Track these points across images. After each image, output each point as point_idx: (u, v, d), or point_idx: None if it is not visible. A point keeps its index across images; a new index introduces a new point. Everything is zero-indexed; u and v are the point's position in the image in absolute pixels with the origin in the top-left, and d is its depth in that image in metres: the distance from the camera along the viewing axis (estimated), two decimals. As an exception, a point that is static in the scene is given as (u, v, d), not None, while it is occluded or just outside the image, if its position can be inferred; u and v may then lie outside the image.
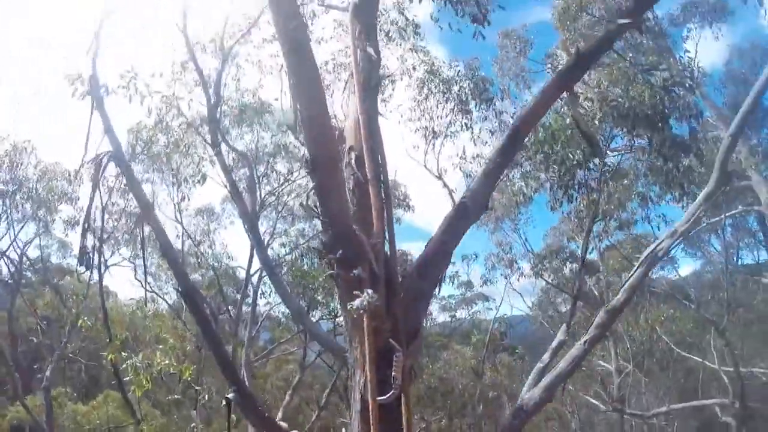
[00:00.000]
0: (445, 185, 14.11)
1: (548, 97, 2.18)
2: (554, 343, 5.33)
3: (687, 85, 8.53)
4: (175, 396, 11.40)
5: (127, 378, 7.11)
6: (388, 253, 1.77)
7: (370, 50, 2.31)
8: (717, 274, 17.21)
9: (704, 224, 15.70)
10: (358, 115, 2.07)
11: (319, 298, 16.00)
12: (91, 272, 16.54)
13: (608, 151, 10.58)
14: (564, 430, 20.70)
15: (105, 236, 17.15)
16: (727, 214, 14.89)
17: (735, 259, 18.98)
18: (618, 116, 8.58)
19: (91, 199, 2.47)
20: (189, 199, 17.54)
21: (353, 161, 1.90)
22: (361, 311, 1.66)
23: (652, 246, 5.19)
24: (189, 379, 7.91)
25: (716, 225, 15.83)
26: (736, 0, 14.51)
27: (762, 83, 5.28)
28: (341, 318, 16.24)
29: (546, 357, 5.24)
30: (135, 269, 18.63)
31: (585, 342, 5.06)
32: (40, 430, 16.04)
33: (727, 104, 17.08)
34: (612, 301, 5.11)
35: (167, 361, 6.92)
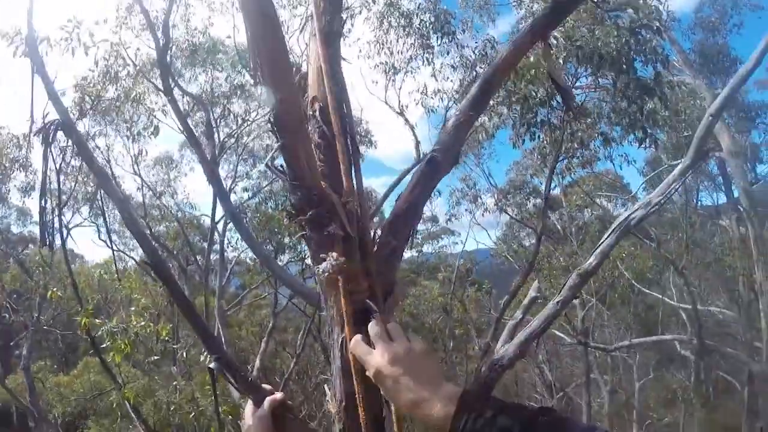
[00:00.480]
0: (406, 121, 13.93)
1: (521, 46, 2.08)
2: (526, 300, 5.49)
3: (654, 28, 8.45)
4: (155, 356, 11.36)
5: (104, 345, 6.99)
6: (359, 210, 1.69)
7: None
8: (677, 215, 17.70)
9: (665, 166, 16.06)
10: (320, 63, 1.94)
11: (286, 241, 15.95)
12: (53, 240, 16.10)
13: (573, 90, 10.56)
14: (532, 361, 21.51)
15: (64, 199, 16.69)
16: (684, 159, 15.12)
17: (695, 200, 19.54)
18: (583, 56, 8.48)
19: (44, 174, 2.29)
20: (146, 153, 17.03)
21: (318, 113, 1.78)
22: (328, 273, 1.59)
23: (625, 214, 5.20)
24: (167, 338, 7.85)
25: (674, 168, 16.09)
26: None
27: (748, 68, 5.31)
28: (309, 260, 16.31)
29: (518, 313, 5.37)
30: (98, 229, 18.20)
31: (558, 302, 5.06)
32: (26, 409, 15.91)
33: (694, 50, 17.25)
34: (584, 265, 5.13)
35: (143, 323, 6.81)
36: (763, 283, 12.84)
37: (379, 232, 1.82)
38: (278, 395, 1.75)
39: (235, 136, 17.54)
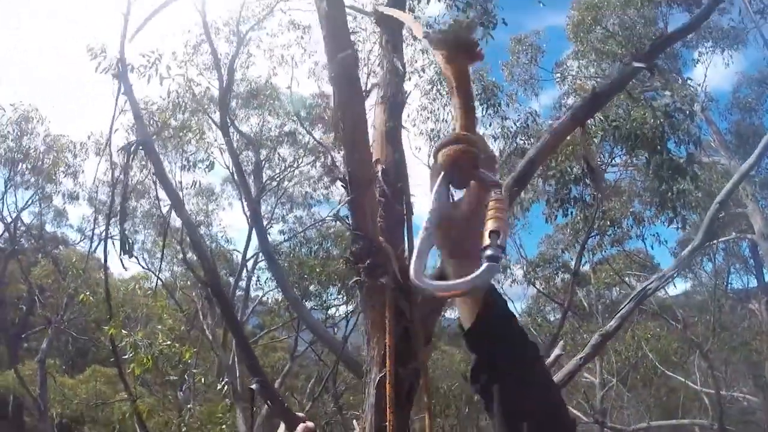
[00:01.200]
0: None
1: (563, 131, 2.35)
2: (552, 357, 5.70)
3: (687, 112, 8.71)
4: (172, 377, 11.52)
5: (126, 356, 7.19)
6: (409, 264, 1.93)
7: (398, 63, 2.45)
8: (706, 297, 17.43)
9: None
10: (384, 129, 2.22)
11: (311, 288, 16.10)
12: (91, 247, 16.57)
13: (609, 167, 10.79)
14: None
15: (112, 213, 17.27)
16: (720, 239, 15.10)
17: (725, 283, 19.20)
18: (619, 136, 8.74)
19: (125, 186, 2.60)
20: (200, 185, 17.63)
21: (380, 174, 2.05)
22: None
23: (643, 285, 5.79)
24: (189, 361, 8.03)
25: (709, 249, 16.04)
26: (749, 29, 14.68)
27: (750, 163, 5.82)
28: (333, 310, 16.30)
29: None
30: (133, 244, 18.67)
31: (580, 359, 5.43)
32: (28, 401, 16.09)
33: (731, 131, 17.33)
34: (605, 327, 5.57)
35: (169, 342, 7.01)
36: None
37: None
38: (310, 424, 1.95)
39: (278, 180, 18.08)
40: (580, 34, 14.30)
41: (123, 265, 15.97)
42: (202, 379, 10.16)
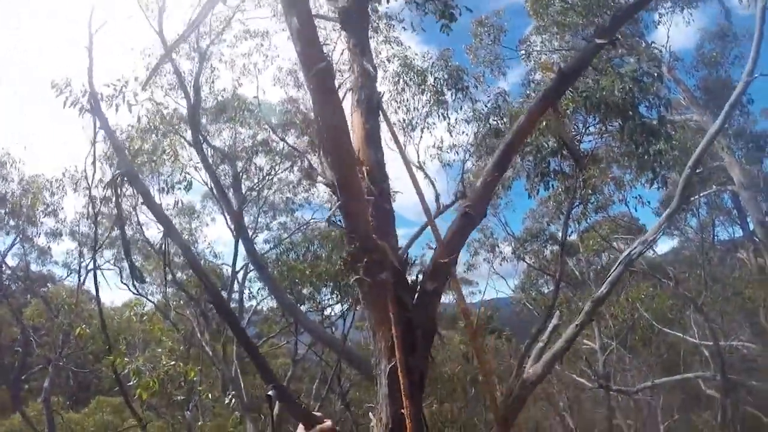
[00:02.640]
0: (426, 176, 14.27)
1: (535, 114, 2.43)
2: (550, 327, 6.17)
3: (655, 75, 8.87)
4: (179, 397, 11.51)
5: (130, 383, 7.17)
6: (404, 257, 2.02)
7: (368, 66, 2.52)
8: (694, 252, 17.72)
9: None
10: (363, 131, 2.29)
11: (305, 292, 16.15)
12: (80, 280, 16.47)
13: (584, 137, 10.92)
14: (553, 409, 21.18)
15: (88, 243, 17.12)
16: (702, 194, 15.39)
17: (711, 236, 19.54)
18: (590, 106, 8.86)
19: (120, 218, 2.63)
20: (181, 204, 17.58)
21: (366, 175, 2.13)
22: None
23: (627, 251, 6.16)
24: (195, 379, 8.04)
25: (692, 204, 16.32)
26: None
27: (716, 128, 6.17)
28: (329, 311, 16.32)
29: (544, 337, 6.12)
30: (120, 273, 18.61)
31: (576, 325, 5.87)
32: None
33: (699, 87, 17.59)
34: (597, 293, 5.94)
35: (172, 363, 7.02)
36: None
37: (420, 277, 2.13)
38: (328, 422, 2.03)
39: (257, 189, 18.06)
40: (540, 9, 14.41)
41: (137, 290, 16.00)
42: (209, 395, 10.15)
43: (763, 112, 19.65)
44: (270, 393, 2.00)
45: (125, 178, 2.50)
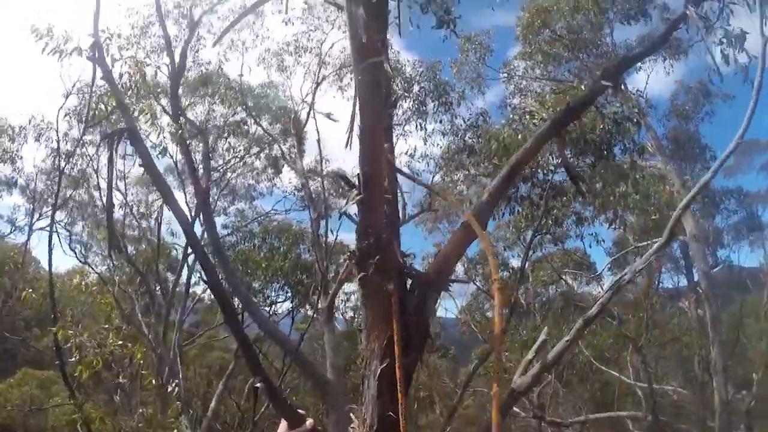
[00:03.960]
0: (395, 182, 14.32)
1: (542, 141, 2.51)
2: (538, 342, 6.62)
3: (635, 120, 9.19)
4: (122, 380, 11.07)
5: (72, 358, 6.79)
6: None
7: (386, 65, 2.50)
8: (639, 295, 18.25)
9: (632, 247, 16.70)
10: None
11: (256, 285, 15.91)
12: (28, 238, 15.73)
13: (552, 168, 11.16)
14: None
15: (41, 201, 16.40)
16: (652, 240, 15.84)
17: (656, 282, 20.21)
18: (569, 140, 9.08)
19: (110, 181, 2.51)
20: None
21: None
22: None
23: (617, 276, 6.65)
24: (140, 362, 7.68)
25: (642, 249, 16.78)
26: (689, 39, 15.41)
27: (707, 179, 6.77)
28: (276, 307, 15.93)
29: (531, 352, 6.53)
30: (69, 237, 17.91)
31: (567, 341, 6.25)
32: None
33: (668, 136, 18.25)
34: (588, 313, 6.41)
35: (119, 342, 6.69)
36: (717, 363, 13.39)
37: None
38: (310, 421, 1.98)
39: (221, 171, 17.71)
40: (529, 36, 14.70)
41: (113, 260, 15.26)
42: (152, 381, 9.75)
43: (722, 169, 20.45)
44: (258, 385, 1.94)
45: (124, 134, 2.38)
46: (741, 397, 15.23)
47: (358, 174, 1.92)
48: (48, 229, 17.40)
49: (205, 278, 2.04)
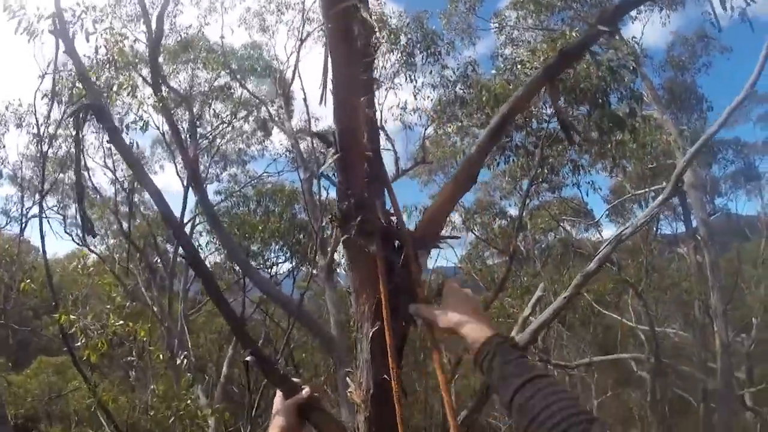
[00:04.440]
0: (387, 137, 14.14)
1: (534, 87, 2.36)
2: (534, 299, 6.60)
3: (631, 68, 8.99)
4: (129, 358, 11.12)
5: (78, 343, 6.78)
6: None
7: (366, 15, 2.36)
8: (637, 241, 18.36)
9: (629, 195, 16.74)
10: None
11: (254, 248, 15.94)
12: (22, 227, 15.61)
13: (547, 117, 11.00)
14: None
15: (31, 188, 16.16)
16: (651, 188, 15.90)
17: (655, 228, 20.36)
18: (563, 89, 8.91)
19: (77, 159, 2.39)
20: (138, 146, 16.81)
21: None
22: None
23: (618, 230, 6.57)
24: (144, 339, 7.70)
25: (640, 197, 16.88)
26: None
27: (718, 124, 6.68)
28: (276, 268, 15.97)
29: (528, 308, 6.47)
30: (64, 220, 17.78)
31: (565, 297, 6.17)
32: None
33: (664, 86, 18.09)
34: (587, 268, 6.39)
35: (121, 321, 6.67)
36: (717, 307, 13.55)
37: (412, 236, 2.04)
38: (306, 389, 1.92)
39: (210, 137, 17.51)
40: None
41: (88, 247, 15.14)
42: (160, 356, 9.84)
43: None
44: (248, 358, 1.87)
45: (90, 111, 2.26)
46: (740, 340, 15.49)
47: (333, 131, 1.82)
48: (45, 216, 17.32)
49: (185, 257, 1.94)
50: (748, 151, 21.48)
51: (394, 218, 2.02)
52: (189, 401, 7.80)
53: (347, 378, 2.05)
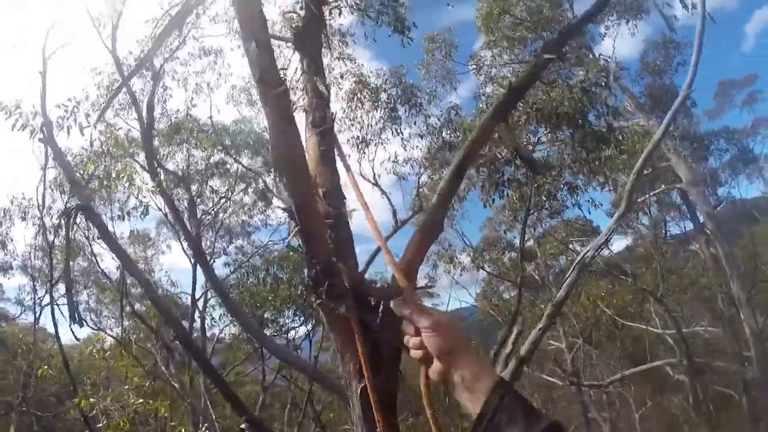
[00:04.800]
0: (382, 192, 14.29)
1: (488, 127, 2.47)
2: (514, 333, 6.39)
3: (603, 84, 9.23)
4: None
5: (100, 424, 6.84)
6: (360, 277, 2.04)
7: (321, 87, 2.53)
8: (648, 247, 18.30)
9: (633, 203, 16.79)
10: (317, 153, 2.30)
11: (267, 315, 15.99)
12: (38, 317, 15.78)
13: (536, 146, 11.19)
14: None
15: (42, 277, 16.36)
16: (652, 193, 15.96)
17: (663, 232, 20.29)
18: (542, 117, 9.12)
19: (67, 256, 2.53)
20: (137, 233, 17.13)
21: (323, 196, 2.12)
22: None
23: (581, 255, 6.34)
24: (165, 415, 7.70)
25: (643, 204, 16.92)
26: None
27: (654, 142, 6.70)
28: (293, 333, 15.99)
29: (509, 343, 6.33)
30: (77, 307, 17.93)
31: (539, 329, 6.10)
32: None
33: (645, 93, 18.41)
34: (556, 298, 6.17)
35: (140, 401, 6.74)
36: (740, 296, 13.42)
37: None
38: None
39: (212, 213, 17.78)
40: (490, 25, 14.73)
41: (74, 335, 15.28)
42: (182, 431, 9.80)
43: (705, 113, 20.65)
44: (243, 426, 1.97)
45: (79, 211, 2.41)
46: None
47: (288, 207, 1.95)
48: (58, 304, 17.50)
49: (175, 336, 2.06)
50: (739, 136, 21.57)
51: (366, 276, 2.14)
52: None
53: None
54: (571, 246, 19.82)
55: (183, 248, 17.59)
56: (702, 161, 20.41)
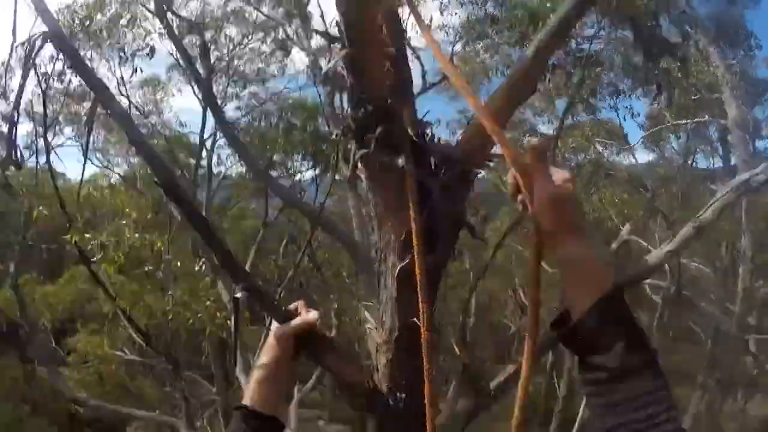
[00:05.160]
0: (413, 51, 13.38)
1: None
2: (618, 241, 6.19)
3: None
4: (149, 267, 11.33)
5: (95, 258, 6.82)
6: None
7: None
8: (671, 169, 17.75)
9: (668, 123, 16.13)
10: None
11: (276, 158, 15.92)
12: (21, 158, 15.57)
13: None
14: (507, 284, 21.70)
15: (48, 121, 16.14)
16: (693, 120, 15.31)
17: (691, 161, 19.64)
18: (607, 8, 8.29)
19: (21, 87, 2.04)
20: (141, 71, 16.48)
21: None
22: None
23: (747, 175, 6.05)
24: (162, 249, 7.71)
25: (679, 127, 16.24)
26: None
27: None
28: (299, 175, 16.10)
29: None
30: (82, 148, 17.88)
31: (668, 252, 5.71)
32: (12, 322, 15.71)
33: (711, 17, 16.95)
34: (701, 218, 5.69)
35: (137, 235, 6.68)
36: (746, 251, 13.16)
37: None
38: (305, 318, 1.58)
39: (227, 59, 17.16)
40: None
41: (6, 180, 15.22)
42: (178, 263, 9.94)
43: (765, 60, 19.26)
44: (238, 296, 1.55)
45: (46, 40, 1.88)
46: (758, 285, 15.17)
47: (337, 21, 1.42)
48: (62, 146, 17.37)
49: (156, 181, 1.62)
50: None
51: (429, 131, 1.67)
52: (208, 303, 7.90)
53: (365, 312, 1.78)
54: (594, 145, 19.24)
55: (193, 91, 17.16)
56: (750, 106, 19.35)
